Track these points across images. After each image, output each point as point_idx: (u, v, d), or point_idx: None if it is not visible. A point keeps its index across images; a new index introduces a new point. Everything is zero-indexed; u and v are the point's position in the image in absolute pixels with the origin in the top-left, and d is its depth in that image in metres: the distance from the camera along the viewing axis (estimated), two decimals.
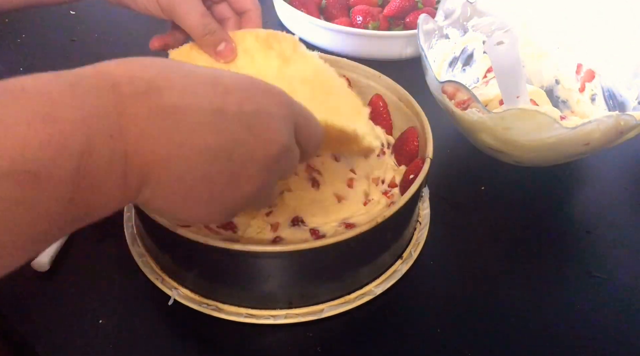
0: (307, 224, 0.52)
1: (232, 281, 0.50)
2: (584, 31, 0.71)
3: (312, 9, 0.85)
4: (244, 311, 0.50)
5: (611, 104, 0.69)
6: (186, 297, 0.51)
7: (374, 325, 0.51)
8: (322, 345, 0.49)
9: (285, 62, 0.53)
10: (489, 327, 0.52)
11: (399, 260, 0.55)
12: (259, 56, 0.53)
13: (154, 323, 0.51)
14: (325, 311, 0.51)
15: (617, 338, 0.52)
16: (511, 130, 0.58)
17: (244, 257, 0.47)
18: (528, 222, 0.62)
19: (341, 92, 0.53)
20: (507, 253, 0.59)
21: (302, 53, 0.54)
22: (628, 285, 0.56)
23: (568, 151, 0.60)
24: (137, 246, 0.55)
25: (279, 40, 0.53)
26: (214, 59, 0.52)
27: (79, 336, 0.49)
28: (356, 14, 0.83)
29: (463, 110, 0.60)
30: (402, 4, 0.84)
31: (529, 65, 0.75)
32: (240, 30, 0.54)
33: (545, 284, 0.56)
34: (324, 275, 0.50)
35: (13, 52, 0.80)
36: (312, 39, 0.85)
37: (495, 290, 0.55)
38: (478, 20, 0.73)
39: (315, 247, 0.45)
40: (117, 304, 0.51)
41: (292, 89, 0.53)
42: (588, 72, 0.71)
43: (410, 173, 0.55)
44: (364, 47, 0.81)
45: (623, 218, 0.63)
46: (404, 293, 0.54)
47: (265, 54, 0.53)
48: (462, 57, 0.74)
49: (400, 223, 0.54)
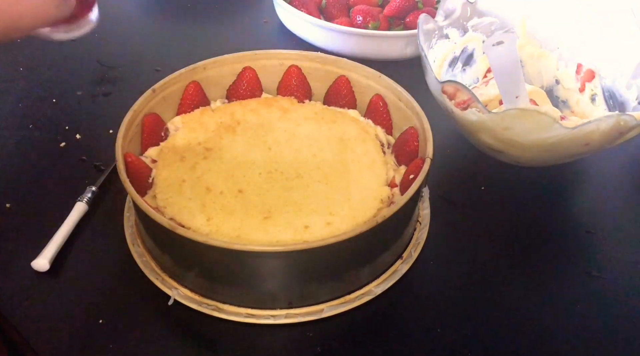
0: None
1: (232, 282, 0.50)
2: (584, 31, 0.71)
3: (312, 9, 0.85)
4: (244, 311, 0.50)
5: (611, 104, 0.69)
6: (186, 297, 0.51)
7: (374, 325, 0.51)
8: (322, 345, 0.49)
9: (285, 112, 0.63)
10: (489, 327, 0.52)
11: (399, 260, 0.55)
12: (263, 111, 0.63)
13: (154, 323, 0.51)
14: (325, 311, 0.51)
15: (617, 338, 0.52)
16: (511, 130, 0.58)
17: (244, 257, 0.47)
18: (528, 222, 0.62)
19: (345, 118, 0.63)
20: (507, 253, 0.59)
21: (299, 105, 0.64)
22: (628, 285, 0.56)
23: (568, 151, 0.60)
24: (137, 246, 0.55)
25: (276, 100, 0.64)
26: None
27: (79, 336, 0.49)
28: (356, 14, 0.84)
29: (463, 110, 0.60)
30: (402, 4, 0.84)
31: (529, 65, 0.75)
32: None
33: (545, 284, 0.56)
34: (324, 275, 0.50)
35: (13, 52, 0.80)
36: (312, 39, 0.85)
37: (495, 290, 0.55)
38: (478, 20, 0.73)
39: (315, 246, 0.45)
40: (117, 304, 0.51)
41: (297, 125, 0.61)
42: (588, 72, 0.71)
43: (410, 173, 0.55)
44: (364, 47, 0.81)
45: (623, 218, 0.63)
46: (404, 293, 0.54)
47: (267, 110, 0.63)
48: (462, 57, 0.74)
49: (400, 223, 0.54)
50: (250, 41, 0.87)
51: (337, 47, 0.82)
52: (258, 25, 0.92)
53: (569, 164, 0.67)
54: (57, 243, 0.54)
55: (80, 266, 0.54)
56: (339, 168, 0.57)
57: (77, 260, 0.55)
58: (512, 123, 0.57)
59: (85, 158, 0.65)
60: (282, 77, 0.65)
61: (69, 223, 0.56)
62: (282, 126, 0.61)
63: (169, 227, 0.46)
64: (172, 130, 0.60)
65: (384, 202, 0.54)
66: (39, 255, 0.53)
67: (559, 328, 0.52)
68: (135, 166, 0.53)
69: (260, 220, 0.51)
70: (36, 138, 0.67)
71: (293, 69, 0.64)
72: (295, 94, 0.65)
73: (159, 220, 0.46)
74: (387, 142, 0.62)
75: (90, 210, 0.59)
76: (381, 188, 0.55)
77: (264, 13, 0.93)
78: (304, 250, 0.46)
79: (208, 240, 0.45)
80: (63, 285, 0.53)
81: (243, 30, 0.90)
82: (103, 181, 0.61)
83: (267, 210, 0.52)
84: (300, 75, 0.64)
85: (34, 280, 0.52)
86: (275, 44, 0.88)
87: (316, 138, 0.60)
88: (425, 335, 0.51)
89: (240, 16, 0.93)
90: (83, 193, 0.59)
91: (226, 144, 0.59)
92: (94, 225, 0.58)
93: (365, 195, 0.54)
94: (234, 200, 0.53)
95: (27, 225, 0.57)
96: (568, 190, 0.67)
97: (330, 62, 0.64)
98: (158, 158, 0.57)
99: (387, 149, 0.61)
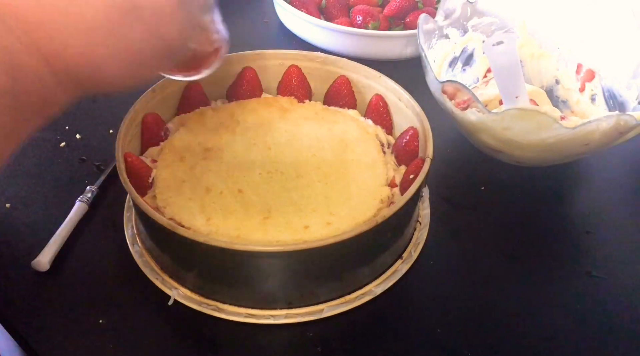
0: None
1: (232, 281, 0.50)
2: (584, 31, 0.71)
3: (312, 9, 0.85)
4: (244, 311, 0.50)
5: (611, 104, 0.69)
6: (186, 297, 0.51)
7: (374, 325, 0.51)
8: (322, 345, 0.49)
9: (285, 112, 0.63)
10: (489, 327, 0.52)
11: (399, 260, 0.55)
12: (263, 111, 0.63)
13: (154, 323, 0.51)
14: (325, 311, 0.51)
15: (617, 338, 0.52)
16: (511, 130, 0.58)
17: (244, 257, 0.47)
18: (528, 222, 0.62)
19: (345, 118, 0.63)
20: (506, 253, 0.59)
21: (299, 105, 0.64)
22: (628, 285, 0.56)
23: (568, 151, 0.60)
24: (137, 246, 0.55)
25: (276, 100, 0.64)
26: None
27: (79, 336, 0.49)
28: (356, 14, 0.84)
29: (463, 110, 0.60)
30: (402, 4, 0.84)
31: (529, 65, 0.75)
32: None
33: (545, 284, 0.56)
34: (324, 275, 0.50)
35: None
36: (312, 39, 0.85)
37: (495, 290, 0.55)
38: (478, 20, 0.73)
39: (315, 246, 0.45)
40: (117, 304, 0.51)
41: (297, 125, 0.61)
42: (588, 72, 0.71)
43: (410, 173, 0.55)
44: (364, 47, 0.81)
45: (623, 218, 0.63)
46: (404, 293, 0.54)
47: (267, 110, 0.63)
48: (462, 57, 0.74)
49: (400, 223, 0.54)
50: (250, 41, 0.87)
51: (337, 47, 0.82)
52: (258, 25, 0.92)
53: (569, 164, 0.67)
54: (57, 243, 0.54)
55: (80, 266, 0.54)
56: (339, 168, 0.57)
57: (77, 260, 0.55)
58: (512, 123, 0.57)
59: (85, 158, 0.65)
60: (282, 77, 0.65)
61: (69, 223, 0.56)
62: (282, 126, 0.61)
63: (169, 227, 0.46)
64: (172, 130, 0.60)
65: (384, 202, 0.54)
66: (39, 255, 0.53)
67: (558, 328, 0.52)
68: (135, 166, 0.53)
69: (260, 220, 0.51)
70: (36, 138, 0.67)
71: (293, 69, 0.64)
72: (295, 94, 0.65)
73: (159, 220, 0.46)
74: (387, 142, 0.62)
75: (90, 210, 0.59)
76: (381, 188, 0.55)
77: (264, 13, 0.93)
78: (304, 250, 0.46)
79: (208, 240, 0.45)
80: (63, 285, 0.53)
81: (243, 30, 0.90)
82: (103, 181, 0.61)
83: (267, 210, 0.52)
84: (300, 75, 0.64)
85: (34, 280, 0.52)
86: (275, 44, 0.88)
87: (316, 138, 0.60)
88: (425, 335, 0.51)
89: (240, 16, 0.93)
90: (83, 193, 0.59)
91: (226, 144, 0.59)
92: (94, 225, 0.58)
93: (365, 195, 0.54)
94: (233, 200, 0.53)
95: (27, 225, 0.57)
96: (568, 190, 0.67)
97: (330, 62, 0.64)
98: (158, 158, 0.57)
99: (387, 149, 0.61)
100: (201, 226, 0.50)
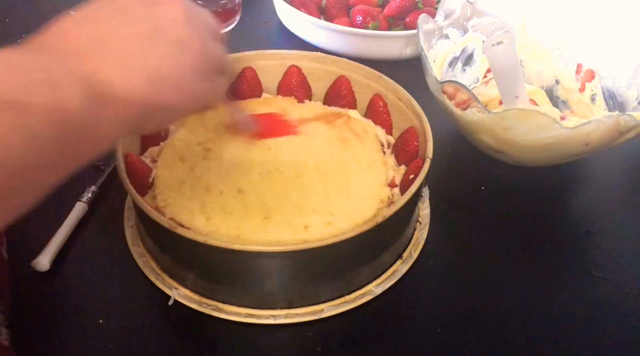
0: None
1: (232, 281, 0.50)
2: (584, 31, 0.71)
3: (312, 9, 0.85)
4: (244, 311, 0.50)
5: (611, 104, 0.69)
6: (186, 297, 0.51)
7: (374, 325, 0.51)
8: (322, 345, 0.49)
9: (285, 112, 0.62)
10: (489, 327, 0.52)
11: (399, 260, 0.55)
12: (263, 112, 0.62)
13: (154, 323, 0.51)
14: (325, 311, 0.51)
15: (617, 338, 0.52)
16: (511, 130, 0.58)
17: (244, 257, 0.47)
18: (528, 222, 0.62)
19: (350, 114, 0.63)
20: (507, 253, 0.59)
21: (299, 105, 0.64)
22: (628, 285, 0.56)
23: (568, 151, 0.60)
24: (137, 246, 0.55)
25: (276, 100, 0.64)
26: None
27: (79, 336, 0.49)
28: (356, 14, 0.84)
29: (463, 110, 0.60)
30: (402, 4, 0.84)
31: (528, 65, 0.75)
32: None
33: (545, 284, 0.56)
34: (324, 275, 0.50)
35: None
36: (312, 39, 0.85)
37: (495, 290, 0.55)
38: (478, 20, 0.73)
39: (315, 246, 0.45)
40: (117, 304, 0.51)
41: (304, 119, 0.61)
42: (588, 72, 0.71)
43: (410, 173, 0.55)
44: (364, 47, 0.81)
45: (623, 218, 0.63)
46: (404, 293, 0.54)
47: (267, 110, 0.62)
48: (462, 57, 0.74)
49: (400, 223, 0.54)
50: (250, 41, 0.87)
51: (337, 47, 0.82)
52: (258, 25, 0.92)
53: (569, 164, 0.67)
54: (57, 243, 0.54)
55: (80, 266, 0.54)
56: (339, 168, 0.57)
57: (77, 260, 0.55)
58: (512, 123, 0.57)
59: None
60: (282, 77, 0.65)
61: (69, 223, 0.56)
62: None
63: (169, 227, 0.46)
64: (172, 130, 0.60)
65: (384, 202, 0.54)
66: (39, 255, 0.53)
67: (558, 328, 0.52)
68: (135, 166, 0.53)
69: (260, 220, 0.51)
70: None
71: (293, 69, 0.64)
72: (295, 94, 0.65)
73: (159, 220, 0.46)
74: (387, 142, 0.62)
75: (90, 210, 0.59)
76: (381, 188, 0.55)
77: (264, 13, 0.93)
78: (304, 250, 0.46)
79: (208, 240, 0.45)
80: (63, 285, 0.53)
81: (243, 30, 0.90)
82: (103, 181, 0.61)
83: (266, 210, 0.52)
84: (300, 75, 0.64)
85: (34, 280, 0.52)
86: (275, 44, 0.88)
87: (316, 138, 0.60)
88: (425, 335, 0.51)
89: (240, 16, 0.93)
90: (83, 193, 0.59)
91: (226, 144, 0.59)
92: (94, 225, 0.58)
93: (365, 195, 0.54)
94: (233, 200, 0.53)
95: (27, 225, 0.57)
96: (568, 190, 0.67)
97: (330, 62, 0.64)
98: (158, 158, 0.57)
99: (387, 149, 0.61)
100: (201, 226, 0.50)
